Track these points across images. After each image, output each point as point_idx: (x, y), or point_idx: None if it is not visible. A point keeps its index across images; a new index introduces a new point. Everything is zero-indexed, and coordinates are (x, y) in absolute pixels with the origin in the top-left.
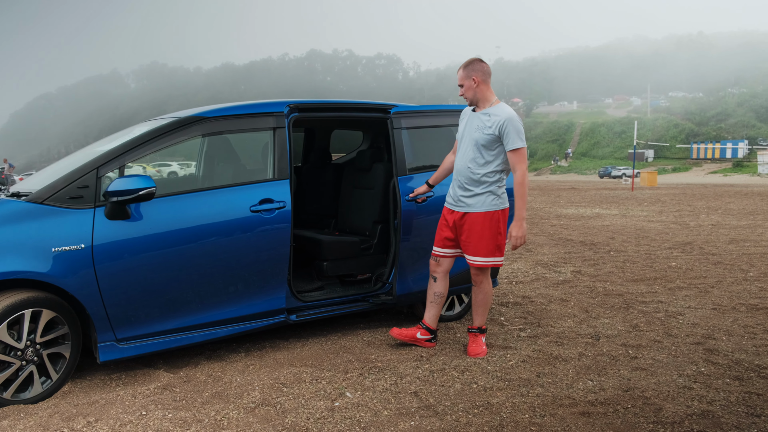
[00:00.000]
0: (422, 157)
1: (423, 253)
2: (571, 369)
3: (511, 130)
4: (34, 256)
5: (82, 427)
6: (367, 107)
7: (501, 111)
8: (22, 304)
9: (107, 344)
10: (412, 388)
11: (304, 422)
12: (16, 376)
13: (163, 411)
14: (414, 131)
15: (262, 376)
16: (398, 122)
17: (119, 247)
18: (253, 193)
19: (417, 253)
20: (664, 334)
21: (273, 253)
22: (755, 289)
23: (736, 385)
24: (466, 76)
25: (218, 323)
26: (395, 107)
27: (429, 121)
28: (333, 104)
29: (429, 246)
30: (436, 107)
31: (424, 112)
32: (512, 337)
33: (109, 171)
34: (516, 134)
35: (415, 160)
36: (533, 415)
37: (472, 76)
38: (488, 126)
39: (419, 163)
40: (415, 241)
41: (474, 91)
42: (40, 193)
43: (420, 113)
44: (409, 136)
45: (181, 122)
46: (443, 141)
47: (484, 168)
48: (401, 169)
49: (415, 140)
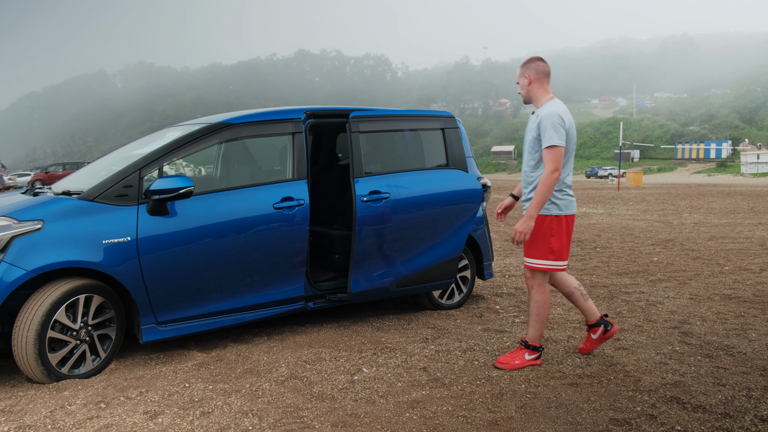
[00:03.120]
0: (379, 160)
1: (377, 253)
2: (561, 349)
3: (547, 125)
4: (88, 248)
5: (135, 396)
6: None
7: (544, 108)
8: (78, 290)
9: (149, 326)
10: (421, 364)
11: (330, 391)
12: (71, 354)
13: (203, 383)
14: (372, 135)
15: (286, 356)
16: (356, 126)
17: (160, 240)
18: (275, 192)
19: (371, 252)
20: (644, 319)
21: (293, 246)
22: (730, 281)
23: (706, 361)
24: (521, 74)
25: (245, 309)
26: (354, 112)
27: (387, 125)
28: (342, 110)
29: (382, 246)
30: (395, 111)
31: (382, 116)
32: (507, 322)
33: (150, 172)
34: (551, 130)
35: (372, 163)
36: (528, 385)
37: (526, 74)
38: (533, 127)
39: (377, 166)
40: (369, 241)
41: (527, 89)
42: (90, 191)
43: (378, 117)
44: (366, 140)
45: (210, 128)
46: (402, 144)
47: (535, 170)
48: (358, 171)
49: (373, 143)
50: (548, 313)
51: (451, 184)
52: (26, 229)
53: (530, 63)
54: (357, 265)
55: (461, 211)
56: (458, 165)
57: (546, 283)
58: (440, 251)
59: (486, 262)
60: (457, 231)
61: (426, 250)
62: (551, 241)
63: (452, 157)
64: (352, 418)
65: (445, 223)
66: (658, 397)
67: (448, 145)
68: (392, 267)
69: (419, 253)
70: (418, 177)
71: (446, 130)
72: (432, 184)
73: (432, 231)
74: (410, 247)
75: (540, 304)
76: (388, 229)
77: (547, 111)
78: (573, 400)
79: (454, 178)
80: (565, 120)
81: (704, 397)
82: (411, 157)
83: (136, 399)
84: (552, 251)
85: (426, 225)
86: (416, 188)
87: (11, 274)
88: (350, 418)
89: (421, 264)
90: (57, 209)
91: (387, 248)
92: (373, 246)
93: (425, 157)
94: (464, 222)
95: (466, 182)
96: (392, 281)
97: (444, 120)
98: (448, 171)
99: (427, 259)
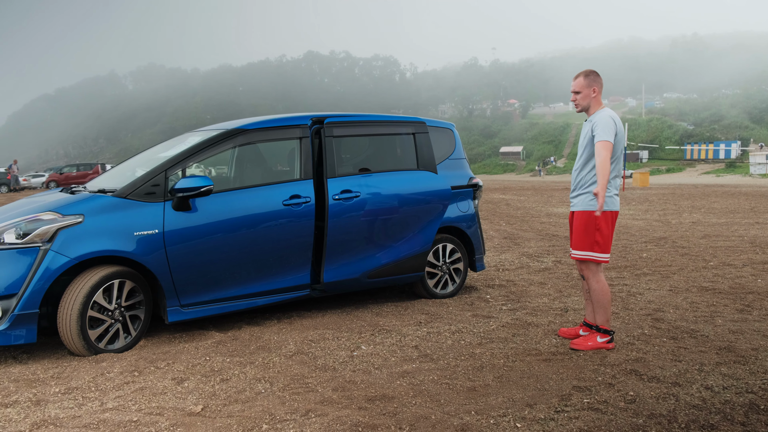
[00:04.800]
0: (352, 162)
1: (348, 247)
2: (540, 331)
3: (600, 124)
4: (121, 239)
5: (163, 366)
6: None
7: (600, 113)
8: (113, 275)
9: (174, 308)
10: (413, 343)
11: (332, 364)
12: (106, 331)
13: (222, 357)
14: (345, 138)
15: (294, 335)
16: (330, 131)
17: (183, 233)
18: (284, 191)
19: (342, 247)
20: (622, 308)
21: (300, 239)
22: (711, 275)
23: (671, 342)
24: (587, 85)
25: (258, 294)
26: (328, 117)
27: (360, 130)
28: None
29: (353, 241)
30: (368, 117)
31: (355, 122)
32: (495, 310)
33: (175, 173)
34: (602, 128)
35: (345, 164)
36: (506, 360)
37: (593, 86)
38: (590, 130)
39: (349, 167)
40: (340, 237)
41: (590, 100)
42: (123, 189)
43: (351, 123)
44: (340, 143)
45: (227, 133)
46: (374, 147)
47: (584, 170)
48: (331, 171)
49: (346, 146)
50: (610, 298)
51: (420, 185)
52: (69, 222)
53: (595, 77)
54: (329, 258)
55: (429, 210)
56: (428, 167)
57: (600, 273)
58: (409, 246)
59: (478, 255)
60: (425, 227)
61: (394, 244)
62: (596, 235)
63: (422, 159)
64: (350, 384)
65: (413, 220)
66: (619, 369)
67: (418, 148)
68: (363, 260)
69: (388, 248)
70: (388, 178)
71: (417, 134)
72: (401, 184)
73: (400, 227)
74: (379, 242)
75: (599, 292)
76: (357, 225)
77: (603, 114)
78: (544, 372)
79: (422, 179)
80: (617, 124)
81: (660, 370)
82: (382, 159)
83: (164, 368)
84: (597, 243)
85: (394, 222)
86: (386, 188)
87: (57, 261)
88: (348, 384)
89: (390, 258)
90: (95, 205)
91: (357, 243)
92: (344, 240)
93: (396, 159)
94: (432, 219)
95: (434, 183)
96: (363, 273)
97: (415, 125)
98: (417, 172)
99: (395, 253)
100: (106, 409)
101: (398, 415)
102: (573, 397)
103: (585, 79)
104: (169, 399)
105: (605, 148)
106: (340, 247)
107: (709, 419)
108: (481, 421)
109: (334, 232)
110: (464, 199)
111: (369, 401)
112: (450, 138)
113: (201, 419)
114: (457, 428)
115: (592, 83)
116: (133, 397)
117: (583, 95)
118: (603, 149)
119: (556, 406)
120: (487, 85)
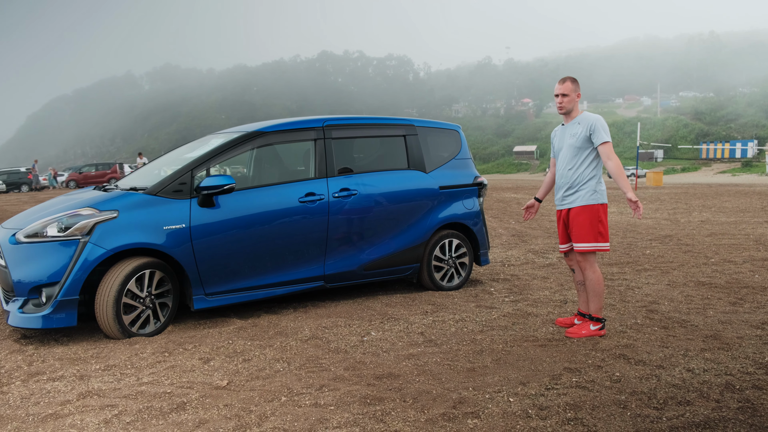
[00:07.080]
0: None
1: (346, 241)
2: (539, 321)
3: (599, 127)
4: (152, 233)
5: (191, 348)
6: (383, 124)
7: (589, 115)
8: (145, 265)
9: (199, 297)
10: (419, 330)
11: (344, 347)
12: (138, 317)
13: (243, 341)
14: (343, 140)
15: (309, 323)
16: (329, 133)
17: (208, 227)
18: (300, 189)
19: (340, 241)
20: (619, 300)
21: (315, 234)
22: (710, 271)
23: (661, 332)
24: (573, 90)
25: (276, 284)
26: (327, 120)
27: (356, 132)
28: (357, 119)
29: (351, 236)
30: (364, 120)
31: (352, 124)
32: (498, 301)
33: (200, 172)
34: (603, 131)
35: (343, 164)
36: (505, 345)
37: (578, 91)
38: (580, 131)
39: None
40: (339, 231)
41: (574, 103)
42: (153, 187)
43: (348, 126)
44: (338, 144)
45: (247, 136)
46: (369, 148)
47: (580, 168)
48: (330, 171)
49: (344, 147)
50: (603, 287)
51: (410, 184)
52: (106, 216)
53: (577, 83)
54: (330, 252)
55: (419, 206)
56: (418, 167)
57: (596, 263)
58: (402, 240)
59: (482, 250)
60: (417, 223)
61: (389, 239)
62: (599, 226)
63: (412, 159)
64: (360, 365)
65: (405, 216)
66: (609, 354)
67: (409, 149)
68: (360, 253)
69: (383, 242)
70: (382, 177)
71: (407, 136)
72: (393, 183)
73: (394, 222)
74: (375, 236)
75: (594, 281)
76: (355, 221)
77: (593, 117)
78: (539, 356)
79: (413, 178)
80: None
81: (647, 355)
82: (377, 159)
83: (191, 350)
84: (600, 234)
85: (388, 217)
86: (380, 186)
87: (95, 252)
88: (358, 364)
89: (385, 251)
90: (128, 202)
91: (355, 237)
92: (343, 235)
93: (388, 159)
94: (423, 215)
95: (423, 182)
96: (359, 266)
97: (406, 128)
98: (408, 172)
99: (390, 246)
100: (142, 383)
101: (403, 390)
102: (563, 377)
103: (572, 83)
104: (197, 375)
105: (611, 150)
106: (339, 241)
107: (686, 396)
108: (477, 395)
109: (334, 227)
110: (470, 197)
111: (377, 379)
112: (456, 139)
113: (227, 392)
114: (455, 401)
115: (577, 88)
116: (165, 373)
117: (569, 98)
118: (612, 151)
119: (546, 384)
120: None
